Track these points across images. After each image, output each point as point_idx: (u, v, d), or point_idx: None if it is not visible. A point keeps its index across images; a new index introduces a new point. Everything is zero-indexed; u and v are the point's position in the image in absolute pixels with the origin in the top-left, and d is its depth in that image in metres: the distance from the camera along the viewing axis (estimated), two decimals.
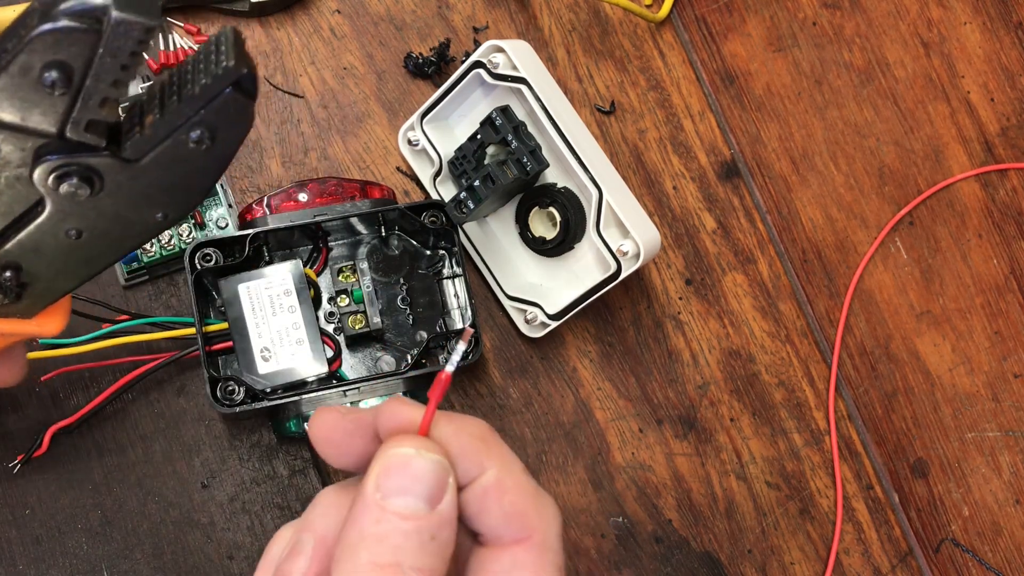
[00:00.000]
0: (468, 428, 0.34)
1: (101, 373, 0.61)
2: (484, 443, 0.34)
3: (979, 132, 0.70)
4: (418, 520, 0.31)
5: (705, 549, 0.65)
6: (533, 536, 0.33)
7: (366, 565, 0.31)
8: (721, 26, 0.70)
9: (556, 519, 0.34)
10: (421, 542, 0.31)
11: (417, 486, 0.32)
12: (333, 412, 0.35)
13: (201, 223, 0.63)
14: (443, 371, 0.33)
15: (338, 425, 0.35)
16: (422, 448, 0.32)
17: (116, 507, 0.61)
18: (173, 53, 0.65)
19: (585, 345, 0.66)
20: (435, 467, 0.32)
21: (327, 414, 0.35)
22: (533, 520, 0.34)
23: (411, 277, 0.62)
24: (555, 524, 0.34)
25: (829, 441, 0.66)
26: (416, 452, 0.32)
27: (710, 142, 0.68)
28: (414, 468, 0.32)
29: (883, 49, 0.71)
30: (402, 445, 0.32)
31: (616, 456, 0.65)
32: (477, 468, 0.33)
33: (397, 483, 0.32)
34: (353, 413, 0.35)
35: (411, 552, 0.31)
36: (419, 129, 0.63)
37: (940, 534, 0.67)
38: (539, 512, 0.34)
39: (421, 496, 0.32)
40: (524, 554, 0.33)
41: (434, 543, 0.31)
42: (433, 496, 0.32)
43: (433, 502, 0.32)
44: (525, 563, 0.33)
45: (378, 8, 0.67)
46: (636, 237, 0.57)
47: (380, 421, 0.34)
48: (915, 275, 0.69)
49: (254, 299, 0.58)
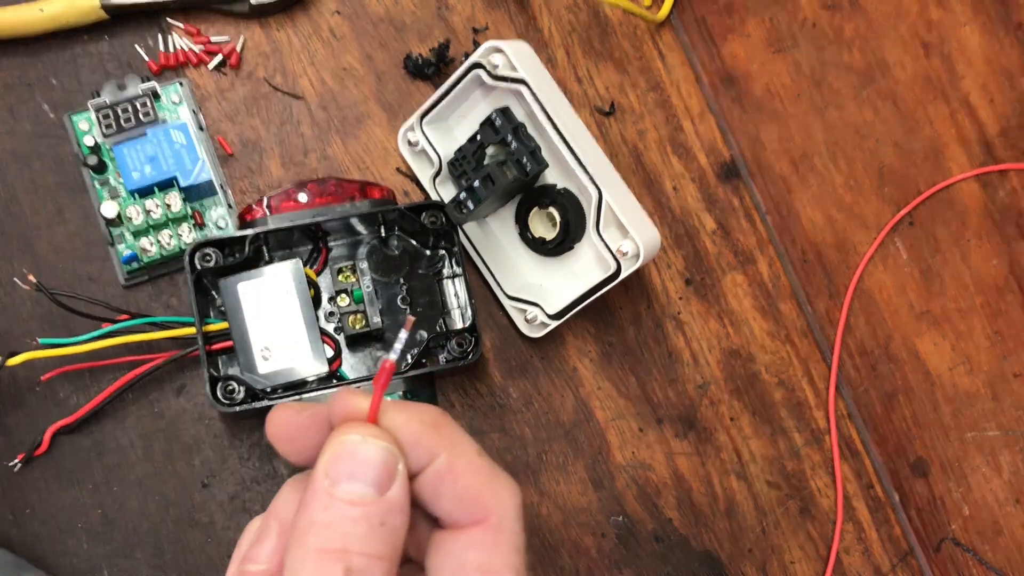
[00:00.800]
0: (419, 415, 0.34)
1: (101, 373, 0.62)
2: (435, 429, 0.34)
3: (979, 132, 0.70)
4: (366, 506, 0.32)
5: (705, 548, 0.65)
6: (489, 517, 0.34)
7: (314, 551, 0.31)
8: (721, 27, 0.70)
9: (513, 499, 0.34)
10: (370, 528, 0.31)
11: (365, 472, 0.32)
12: (288, 409, 0.35)
13: (201, 223, 0.63)
14: (387, 359, 0.33)
15: (293, 421, 0.35)
16: (369, 435, 0.32)
17: (116, 507, 0.61)
18: (173, 54, 0.65)
19: (585, 345, 0.66)
20: (382, 453, 0.32)
21: (282, 411, 0.35)
22: (488, 501, 0.34)
23: (411, 277, 0.62)
24: (512, 505, 0.34)
25: (829, 441, 0.66)
26: (363, 439, 0.32)
27: (710, 143, 0.69)
28: (361, 454, 0.32)
29: (883, 50, 0.71)
30: (350, 432, 0.32)
31: (616, 455, 0.65)
32: (429, 454, 0.34)
33: (345, 470, 0.32)
34: (308, 408, 0.35)
35: (359, 538, 0.31)
36: (419, 130, 0.63)
37: (940, 533, 0.67)
38: (494, 493, 0.34)
39: (369, 482, 0.32)
40: (480, 535, 0.34)
41: (383, 529, 0.32)
42: (381, 482, 0.32)
43: (382, 488, 0.32)
44: (480, 544, 0.34)
45: (378, 9, 0.67)
46: (636, 237, 0.57)
47: (331, 411, 0.34)
48: (915, 275, 0.69)
49: (254, 299, 0.58)
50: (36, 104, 0.64)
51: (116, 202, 0.62)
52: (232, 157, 0.65)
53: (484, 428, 0.64)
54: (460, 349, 0.61)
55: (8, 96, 0.64)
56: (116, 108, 0.62)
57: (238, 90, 0.66)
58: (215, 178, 0.63)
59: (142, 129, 0.62)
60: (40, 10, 0.62)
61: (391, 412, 0.34)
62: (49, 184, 0.63)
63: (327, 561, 0.31)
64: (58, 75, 0.64)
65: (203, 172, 0.62)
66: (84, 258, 0.63)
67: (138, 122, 0.62)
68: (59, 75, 0.64)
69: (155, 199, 0.61)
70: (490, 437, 0.64)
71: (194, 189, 0.63)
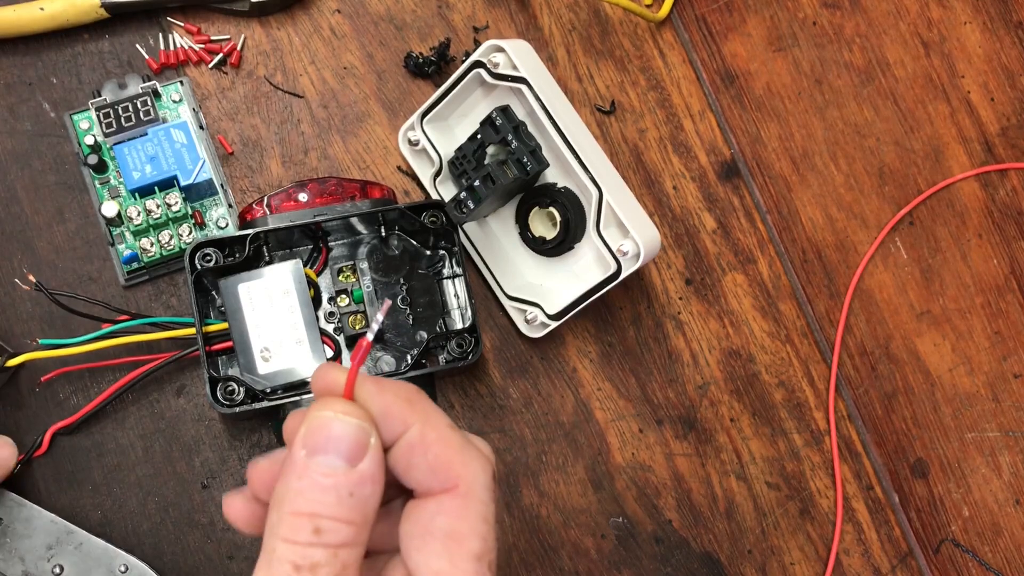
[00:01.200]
0: (393, 390, 0.36)
1: (101, 373, 0.62)
2: (409, 403, 0.36)
3: (979, 132, 0.70)
4: (337, 477, 0.34)
5: (705, 549, 0.65)
6: (459, 485, 0.35)
7: (288, 513, 0.34)
8: (721, 26, 0.70)
9: (484, 470, 0.36)
10: (339, 497, 0.34)
11: (337, 446, 0.34)
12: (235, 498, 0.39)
13: (201, 223, 0.63)
14: (364, 338, 0.35)
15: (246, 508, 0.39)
16: (344, 411, 0.35)
17: (116, 507, 0.61)
18: (173, 53, 0.65)
19: (585, 345, 0.66)
20: (354, 429, 0.34)
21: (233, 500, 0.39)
22: (458, 469, 0.36)
23: (411, 277, 0.62)
24: (483, 474, 0.36)
25: (829, 441, 0.66)
26: (335, 415, 0.34)
27: (710, 142, 0.68)
28: (334, 430, 0.34)
29: (883, 49, 0.71)
30: (324, 408, 0.35)
31: (616, 456, 0.65)
32: (402, 425, 0.36)
33: (319, 444, 0.34)
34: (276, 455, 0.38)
35: (328, 505, 0.34)
36: (419, 129, 0.63)
37: (940, 534, 0.67)
38: (465, 462, 0.36)
39: (341, 455, 0.34)
40: (448, 501, 0.35)
41: (353, 499, 0.34)
42: (352, 455, 0.34)
43: (353, 461, 0.34)
44: (449, 510, 0.35)
45: (378, 8, 0.67)
46: (636, 237, 0.57)
47: (313, 384, 0.37)
48: (915, 275, 0.69)
49: (254, 299, 0.58)
50: (36, 103, 0.64)
51: (116, 202, 0.62)
52: (232, 156, 0.65)
53: (484, 428, 0.64)
54: (460, 349, 0.61)
55: (8, 95, 0.64)
56: (116, 107, 0.62)
57: (238, 89, 0.66)
58: (215, 177, 0.63)
59: (142, 128, 0.62)
60: (40, 8, 0.62)
61: (366, 386, 0.36)
62: (49, 184, 0.63)
63: (298, 522, 0.34)
64: (58, 74, 0.64)
65: (203, 171, 0.62)
66: (84, 258, 0.63)
67: (138, 121, 0.62)
68: (59, 74, 0.64)
69: (155, 199, 0.61)
70: (490, 438, 0.64)
71: (194, 188, 0.62)
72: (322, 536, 0.33)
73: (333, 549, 0.34)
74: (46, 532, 0.58)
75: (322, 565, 0.33)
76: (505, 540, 0.64)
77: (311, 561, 0.33)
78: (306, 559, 0.33)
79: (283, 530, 0.34)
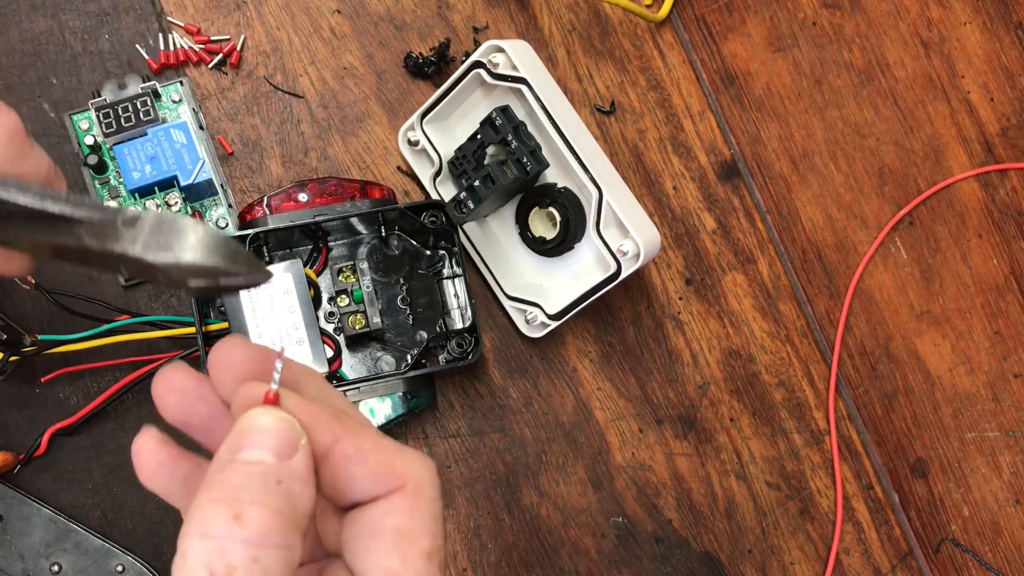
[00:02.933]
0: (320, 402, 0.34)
1: (101, 374, 0.61)
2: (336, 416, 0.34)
3: (979, 132, 0.70)
4: (265, 467, 0.31)
5: (705, 549, 0.65)
6: (407, 483, 0.34)
7: (206, 500, 0.30)
8: (721, 26, 0.70)
9: (428, 468, 0.35)
10: (265, 483, 0.31)
11: (264, 441, 0.32)
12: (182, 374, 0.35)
13: None
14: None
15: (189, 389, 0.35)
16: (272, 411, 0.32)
17: (116, 507, 0.61)
18: (173, 53, 0.65)
19: (585, 345, 0.66)
20: (281, 423, 0.32)
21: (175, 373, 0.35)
22: (402, 469, 0.34)
23: (411, 277, 0.62)
24: (428, 472, 0.35)
25: (829, 441, 0.66)
26: (264, 410, 0.32)
27: (710, 142, 0.68)
28: (260, 425, 0.32)
29: (883, 49, 0.71)
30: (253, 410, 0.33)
31: (616, 456, 0.65)
32: (331, 437, 0.34)
33: (246, 441, 0.32)
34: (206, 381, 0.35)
35: (252, 489, 0.31)
36: (419, 129, 0.63)
37: (940, 534, 0.67)
38: (407, 462, 0.34)
39: (268, 450, 0.32)
40: (398, 500, 0.34)
41: (280, 487, 0.31)
42: (282, 451, 0.32)
43: (282, 457, 0.32)
44: (398, 508, 0.34)
45: (378, 8, 0.67)
46: (636, 237, 0.57)
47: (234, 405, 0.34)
48: (915, 275, 0.69)
49: (254, 299, 0.58)
50: (36, 104, 0.64)
51: (116, 202, 0.62)
52: (232, 156, 0.65)
53: (484, 428, 0.64)
54: (460, 349, 0.61)
55: (8, 95, 0.64)
56: (116, 107, 0.62)
57: (238, 89, 0.66)
58: (215, 177, 0.63)
59: (142, 128, 0.62)
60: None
61: (291, 398, 0.34)
62: None
63: (217, 507, 0.30)
64: (58, 74, 0.64)
65: (203, 171, 0.62)
66: None
67: (138, 121, 0.62)
68: (59, 74, 0.64)
69: (155, 199, 0.61)
70: (490, 437, 0.64)
71: (194, 188, 0.62)
72: (243, 525, 0.30)
73: (255, 549, 0.30)
74: (45, 530, 0.58)
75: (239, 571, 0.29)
76: (505, 540, 0.64)
77: (227, 564, 0.29)
78: (222, 560, 0.29)
79: (196, 524, 0.30)
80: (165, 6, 0.66)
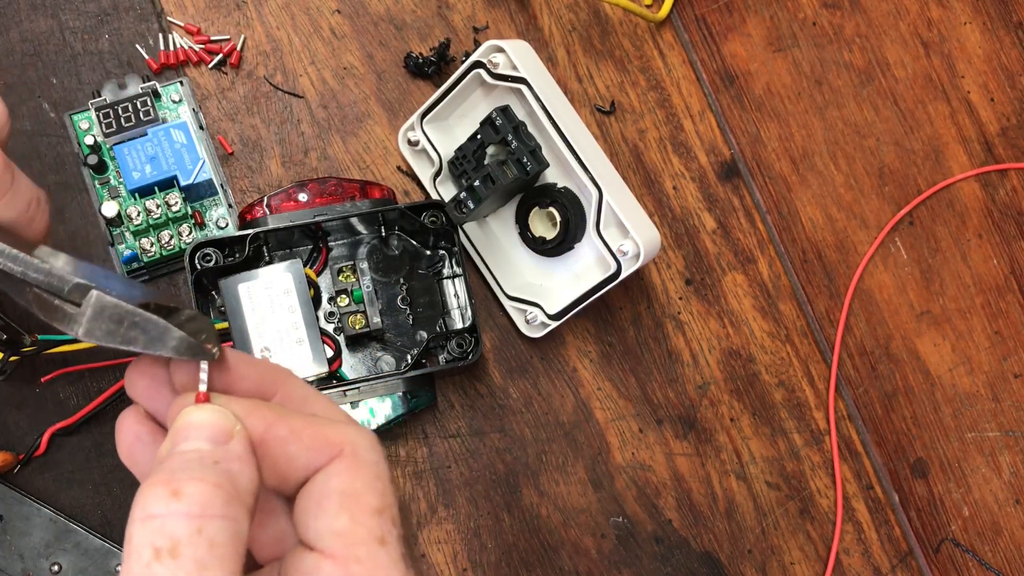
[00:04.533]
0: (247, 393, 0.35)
1: (101, 374, 0.61)
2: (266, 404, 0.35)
3: (979, 132, 0.70)
4: (201, 452, 0.32)
5: (705, 549, 0.65)
6: (343, 449, 0.34)
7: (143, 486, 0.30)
8: (721, 26, 0.70)
9: (364, 435, 0.35)
10: (202, 463, 0.31)
11: (200, 433, 0.32)
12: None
13: (201, 223, 0.63)
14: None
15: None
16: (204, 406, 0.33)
17: (116, 507, 0.61)
18: (173, 53, 0.65)
19: (585, 345, 0.66)
20: (215, 414, 0.33)
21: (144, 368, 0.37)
22: (337, 438, 0.34)
23: (411, 277, 0.62)
24: (364, 438, 0.35)
25: (829, 441, 0.66)
26: (197, 407, 0.33)
27: (710, 142, 0.68)
28: (194, 419, 0.33)
29: (883, 49, 0.71)
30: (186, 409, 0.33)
31: (616, 456, 0.65)
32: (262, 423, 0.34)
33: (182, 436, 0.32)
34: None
35: (189, 468, 0.31)
36: (419, 129, 0.63)
37: (940, 534, 0.67)
38: (341, 431, 0.35)
39: (204, 439, 0.32)
40: (338, 463, 0.34)
41: (219, 465, 0.31)
42: (217, 439, 0.32)
43: (218, 443, 0.32)
44: (341, 471, 0.34)
45: (378, 8, 0.67)
46: (636, 237, 0.57)
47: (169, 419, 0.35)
48: (915, 275, 0.69)
49: (254, 299, 0.58)
50: (36, 103, 0.64)
51: (116, 202, 0.62)
52: (232, 156, 0.65)
53: (484, 428, 0.64)
54: (460, 349, 0.61)
55: (8, 96, 0.64)
56: (116, 107, 0.62)
57: (238, 89, 0.66)
58: (215, 177, 0.63)
59: (142, 128, 0.62)
60: None
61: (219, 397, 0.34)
62: (49, 184, 0.63)
63: (155, 488, 0.30)
64: (58, 74, 0.64)
65: (203, 171, 0.62)
66: (84, 258, 0.62)
67: (138, 121, 0.62)
68: (59, 74, 0.64)
69: (155, 199, 0.61)
70: (490, 437, 0.64)
71: (194, 188, 0.62)
72: (182, 499, 0.29)
73: (197, 520, 0.29)
74: (45, 530, 0.58)
75: (184, 543, 0.29)
76: (505, 540, 0.64)
77: (170, 538, 0.29)
78: (164, 536, 0.29)
79: (137, 509, 0.30)
80: (165, 6, 0.66)
